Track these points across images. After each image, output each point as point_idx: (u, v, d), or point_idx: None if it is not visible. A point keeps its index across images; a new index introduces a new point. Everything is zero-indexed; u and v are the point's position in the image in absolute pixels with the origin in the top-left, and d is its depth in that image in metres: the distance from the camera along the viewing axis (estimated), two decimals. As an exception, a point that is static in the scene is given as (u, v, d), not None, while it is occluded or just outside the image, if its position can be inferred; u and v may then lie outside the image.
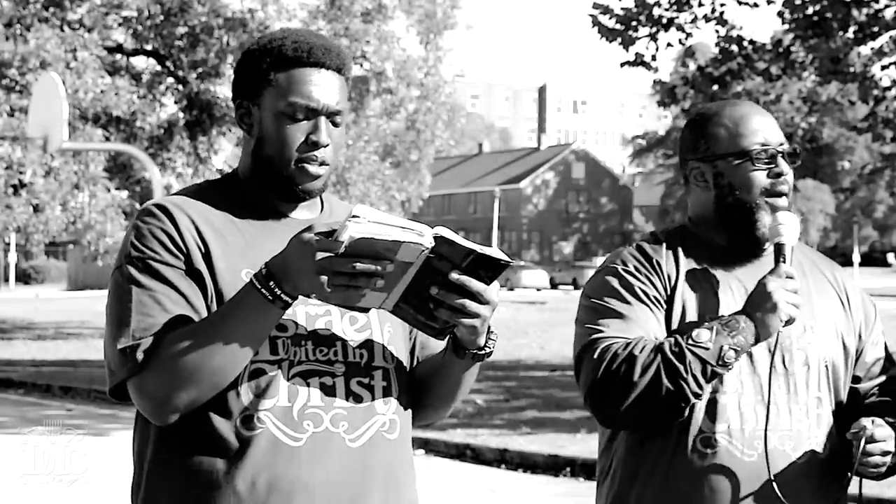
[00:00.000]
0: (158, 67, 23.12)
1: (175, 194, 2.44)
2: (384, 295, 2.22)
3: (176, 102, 23.07)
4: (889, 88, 17.24)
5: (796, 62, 16.41)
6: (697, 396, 2.53)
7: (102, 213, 20.56)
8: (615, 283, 2.66)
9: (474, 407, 12.64)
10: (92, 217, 20.47)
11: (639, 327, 2.60)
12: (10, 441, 10.23)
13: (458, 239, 2.19)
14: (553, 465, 9.71)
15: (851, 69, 16.45)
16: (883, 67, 17.05)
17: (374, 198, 22.36)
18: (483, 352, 2.39)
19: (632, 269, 2.67)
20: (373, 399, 2.37)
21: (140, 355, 2.24)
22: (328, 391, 2.32)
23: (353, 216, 2.09)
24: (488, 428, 11.31)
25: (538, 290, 56.53)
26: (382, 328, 2.41)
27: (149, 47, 22.71)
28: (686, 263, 2.68)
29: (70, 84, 19.56)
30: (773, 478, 2.56)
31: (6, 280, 58.44)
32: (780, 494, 2.56)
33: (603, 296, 2.66)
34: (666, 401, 2.52)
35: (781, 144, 2.68)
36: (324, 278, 2.13)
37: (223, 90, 22.90)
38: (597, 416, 2.61)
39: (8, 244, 44.33)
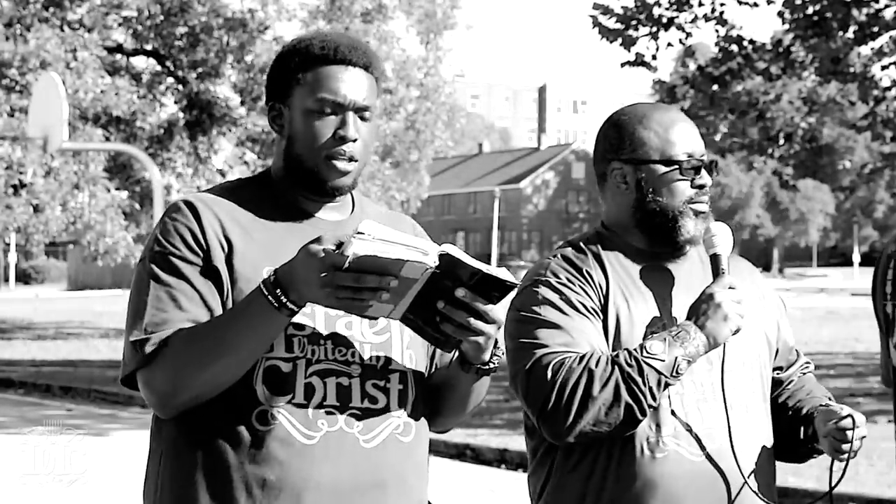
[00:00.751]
0: (158, 67, 23.11)
1: (206, 191, 2.47)
2: (391, 306, 2.24)
3: (176, 102, 23.07)
4: (889, 88, 17.25)
5: (796, 62, 16.41)
6: (651, 408, 2.55)
7: (102, 213, 20.56)
8: (549, 294, 2.63)
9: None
10: (92, 217, 20.47)
11: (584, 340, 2.59)
12: (10, 441, 10.23)
13: (465, 258, 2.21)
14: (553, 465, 9.71)
15: (851, 69, 16.46)
16: (883, 67, 17.06)
17: (374, 198, 22.36)
18: (488, 367, 2.41)
19: (564, 280, 2.64)
20: (388, 401, 2.38)
21: (149, 349, 2.28)
22: (344, 391, 2.34)
23: (359, 232, 2.12)
24: (488, 428, 11.31)
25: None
26: (402, 332, 2.43)
27: (149, 47, 22.71)
28: (612, 271, 2.67)
29: (70, 84, 19.56)
30: (745, 477, 2.59)
31: (6, 280, 58.45)
32: (756, 493, 2.60)
33: (537, 308, 2.62)
34: (624, 414, 2.53)
35: (703, 155, 2.69)
36: (328, 290, 2.16)
37: (223, 90, 22.92)
38: (550, 432, 2.56)
39: (8, 244, 44.33)
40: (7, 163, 19.74)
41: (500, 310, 2.29)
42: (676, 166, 2.66)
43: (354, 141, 2.40)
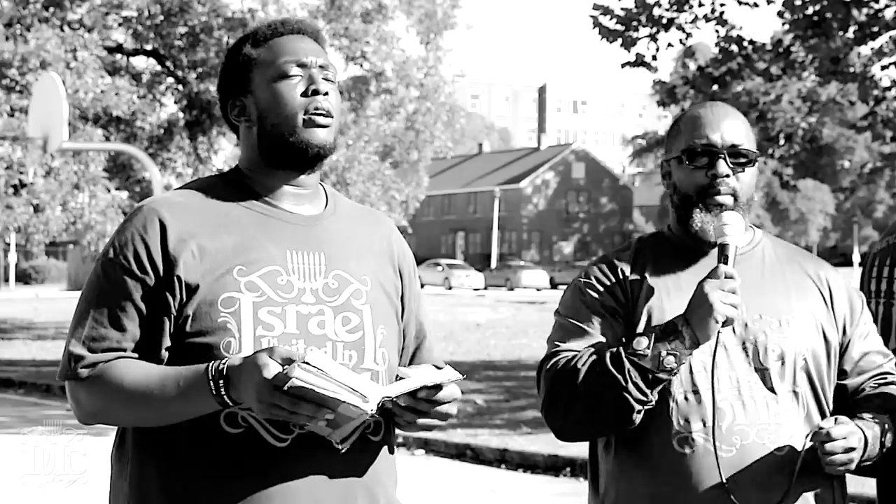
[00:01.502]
0: (158, 67, 23.10)
1: (180, 188, 2.46)
2: (329, 430, 2.25)
3: (176, 102, 23.06)
4: (889, 88, 17.25)
5: (796, 62, 16.40)
6: (643, 403, 2.55)
7: (102, 213, 20.55)
8: (577, 298, 2.72)
9: (474, 407, 12.64)
10: (92, 217, 20.45)
11: (597, 341, 2.64)
12: (10, 441, 10.24)
13: (409, 386, 2.23)
14: (553, 465, 9.71)
15: (851, 69, 16.45)
16: (883, 67, 17.06)
17: (374, 198, 22.33)
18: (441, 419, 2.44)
19: (593, 281, 2.71)
20: None
21: (82, 371, 2.30)
22: None
23: (305, 362, 2.13)
24: (488, 428, 11.31)
25: (538, 290, 56.52)
26: (376, 330, 2.42)
27: (149, 47, 22.70)
28: (653, 270, 2.70)
29: (70, 84, 19.55)
30: (724, 481, 2.56)
31: (6, 280, 58.40)
32: (732, 498, 2.56)
33: (566, 311, 2.73)
34: (610, 411, 2.55)
35: (732, 146, 2.68)
36: (263, 405, 2.16)
37: (223, 90, 22.88)
38: (551, 429, 2.65)
39: (8, 244, 44.33)
40: (7, 163, 19.73)
41: (449, 393, 2.28)
42: (684, 155, 2.69)
43: (326, 94, 2.40)
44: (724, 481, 2.55)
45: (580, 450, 9.77)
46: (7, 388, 15.96)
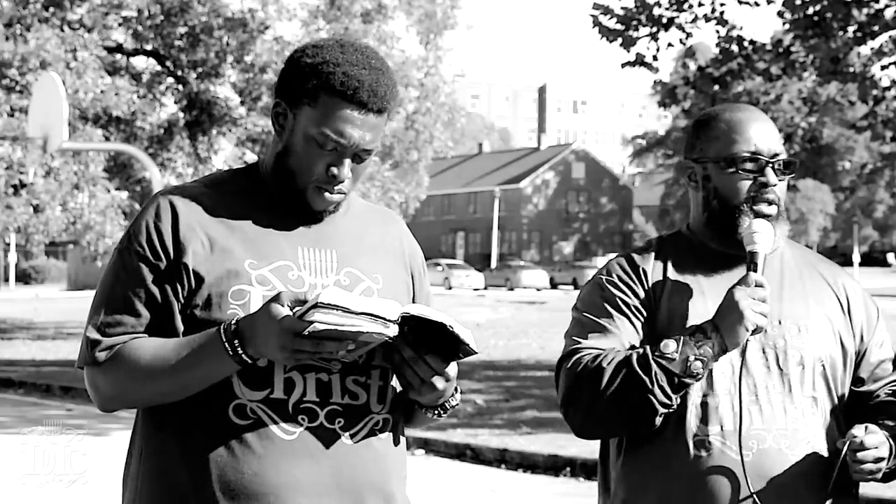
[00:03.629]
0: (158, 67, 23.10)
1: (193, 182, 2.48)
2: (347, 357, 2.30)
3: (176, 102, 23.06)
4: (889, 88, 17.24)
5: (796, 62, 16.40)
6: (667, 407, 2.54)
7: (102, 213, 20.55)
8: (597, 294, 2.70)
9: (474, 407, 12.64)
10: (92, 217, 20.45)
11: (617, 339, 2.63)
12: (10, 441, 10.23)
13: (431, 314, 2.25)
14: (553, 465, 9.71)
15: (851, 69, 16.45)
16: (883, 67, 17.05)
17: (374, 198, 22.34)
18: (439, 411, 2.47)
19: (615, 279, 2.70)
20: (368, 398, 2.38)
21: (100, 354, 2.33)
22: (324, 387, 2.34)
23: (321, 303, 2.14)
24: (488, 428, 11.31)
25: (538, 290, 56.53)
26: None
27: (149, 47, 22.70)
28: (675, 272, 2.69)
29: (70, 84, 19.55)
30: (752, 492, 2.55)
31: (6, 280, 58.41)
32: (758, 500, 2.55)
33: (586, 307, 2.71)
34: (633, 412, 2.55)
35: (776, 155, 2.67)
36: (287, 354, 2.20)
37: (223, 90, 22.90)
38: (570, 425, 2.65)
39: (8, 244, 44.33)
40: (7, 163, 19.73)
41: (451, 369, 2.34)
42: (734, 164, 2.66)
43: (345, 181, 2.41)
44: (752, 489, 2.54)
45: (580, 450, 9.76)
46: (7, 388, 15.96)
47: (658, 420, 2.55)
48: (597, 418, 2.58)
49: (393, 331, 2.22)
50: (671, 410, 2.56)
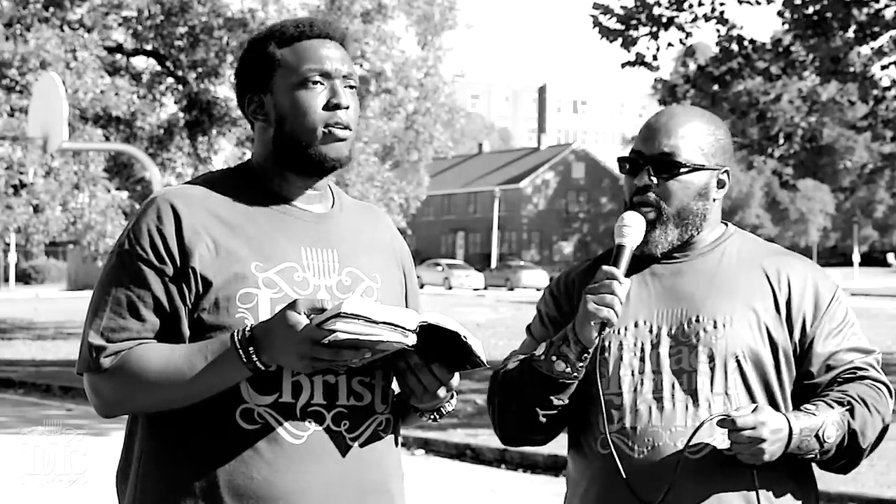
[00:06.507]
0: (158, 67, 23.10)
1: (191, 181, 2.45)
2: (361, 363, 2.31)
3: (176, 102, 23.06)
4: (889, 88, 17.25)
5: (796, 62, 16.41)
6: (544, 407, 2.63)
7: (102, 213, 20.55)
8: (540, 304, 2.86)
9: (474, 407, 12.64)
10: (92, 217, 20.45)
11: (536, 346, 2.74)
12: (10, 441, 10.23)
13: (447, 324, 2.26)
14: (553, 465, 9.71)
15: (851, 69, 16.45)
16: (883, 67, 17.06)
17: (373, 199, 22.33)
18: (438, 414, 2.49)
19: (553, 287, 2.83)
20: (373, 398, 2.38)
21: (105, 360, 2.29)
22: (330, 389, 2.33)
23: (343, 313, 2.14)
24: (488, 428, 11.29)
25: (538, 290, 56.50)
26: None
27: (149, 47, 22.70)
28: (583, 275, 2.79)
29: (70, 84, 19.55)
30: (625, 477, 2.57)
31: (6, 280, 58.40)
32: (633, 491, 2.56)
33: (535, 315, 2.87)
34: (520, 415, 2.67)
35: (661, 154, 2.67)
36: (305, 362, 2.20)
37: (223, 90, 22.91)
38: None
39: (8, 244, 44.31)
40: (7, 163, 19.73)
41: (454, 380, 2.37)
42: (621, 164, 2.74)
43: (347, 108, 2.39)
44: (626, 477, 2.56)
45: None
46: (7, 388, 15.95)
47: (543, 419, 2.64)
48: (498, 423, 2.73)
49: (412, 340, 2.22)
50: (553, 412, 2.64)
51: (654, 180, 2.67)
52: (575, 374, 2.60)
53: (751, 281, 2.70)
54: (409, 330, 2.21)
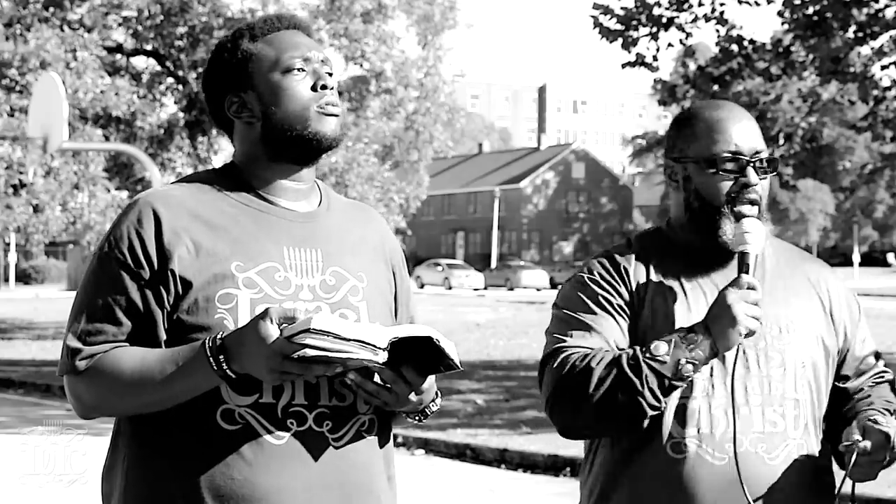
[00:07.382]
0: (158, 67, 23.11)
1: (174, 182, 2.45)
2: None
3: (176, 102, 23.07)
4: (889, 88, 17.24)
5: (796, 62, 16.40)
6: (655, 409, 2.51)
7: (102, 213, 20.55)
8: (581, 292, 2.65)
9: (474, 407, 12.64)
10: (92, 217, 20.46)
11: (601, 337, 2.59)
12: (10, 441, 10.23)
13: (418, 331, 2.24)
14: (553, 465, 9.71)
15: (851, 69, 16.45)
16: (883, 67, 17.05)
17: (373, 200, 22.32)
18: (422, 415, 2.47)
19: (597, 276, 2.66)
20: (355, 398, 2.37)
21: (80, 363, 2.30)
22: (312, 389, 2.32)
23: (312, 329, 2.13)
24: (488, 428, 11.31)
25: (538, 290, 56.52)
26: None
27: (149, 47, 22.70)
28: (657, 270, 2.66)
29: (70, 84, 19.56)
30: (744, 487, 2.52)
31: (6, 280, 58.39)
32: (748, 499, 2.52)
33: (569, 305, 2.65)
34: (621, 414, 2.51)
35: (757, 153, 2.64)
36: (275, 375, 2.19)
37: (223, 90, 22.87)
38: (555, 425, 2.62)
39: (8, 244, 44.33)
40: (7, 163, 19.73)
41: (428, 384, 2.35)
42: (714, 164, 2.63)
43: (332, 89, 2.41)
44: (750, 500, 2.52)
45: (580, 450, 9.73)
46: (7, 388, 15.96)
47: (646, 422, 2.53)
48: (583, 419, 2.55)
49: (382, 357, 2.20)
50: (658, 413, 2.54)
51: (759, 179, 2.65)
52: (692, 376, 2.53)
53: (797, 287, 2.71)
54: (379, 348, 2.19)
